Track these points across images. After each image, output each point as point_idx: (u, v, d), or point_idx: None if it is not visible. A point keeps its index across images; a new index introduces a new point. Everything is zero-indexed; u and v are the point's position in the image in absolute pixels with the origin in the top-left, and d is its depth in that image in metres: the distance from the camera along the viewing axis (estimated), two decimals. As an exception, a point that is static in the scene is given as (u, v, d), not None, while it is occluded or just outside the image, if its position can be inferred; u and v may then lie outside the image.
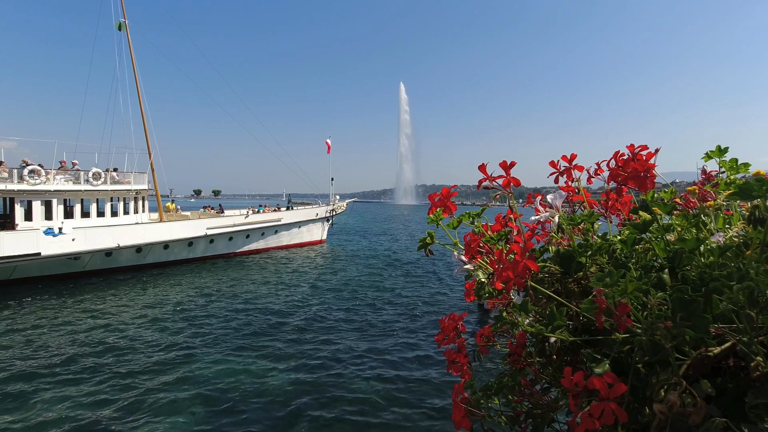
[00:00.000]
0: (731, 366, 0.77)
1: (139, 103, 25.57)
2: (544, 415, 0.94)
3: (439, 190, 1.21)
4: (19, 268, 17.99)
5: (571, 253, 1.06)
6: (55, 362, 9.94)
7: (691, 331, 0.70)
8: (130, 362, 9.96)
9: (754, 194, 0.79)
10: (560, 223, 1.16)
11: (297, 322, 13.14)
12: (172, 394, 8.41)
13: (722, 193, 1.07)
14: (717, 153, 1.14)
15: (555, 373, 0.99)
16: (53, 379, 9.04)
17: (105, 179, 21.70)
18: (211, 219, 25.20)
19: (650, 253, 1.02)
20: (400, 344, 11.29)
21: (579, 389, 0.76)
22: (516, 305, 0.95)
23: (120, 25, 25.14)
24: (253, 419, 7.55)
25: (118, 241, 20.15)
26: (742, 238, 0.93)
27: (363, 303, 15.62)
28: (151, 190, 25.56)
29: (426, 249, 1.29)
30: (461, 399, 1.04)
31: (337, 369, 9.68)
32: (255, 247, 28.19)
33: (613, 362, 0.80)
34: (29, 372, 9.37)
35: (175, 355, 10.39)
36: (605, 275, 0.81)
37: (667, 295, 0.78)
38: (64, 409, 7.83)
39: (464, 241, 1.20)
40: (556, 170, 1.24)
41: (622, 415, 0.70)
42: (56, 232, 18.37)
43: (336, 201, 34.49)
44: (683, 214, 1.01)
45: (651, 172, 0.96)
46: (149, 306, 15.09)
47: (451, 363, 1.14)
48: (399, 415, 7.71)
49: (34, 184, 18.84)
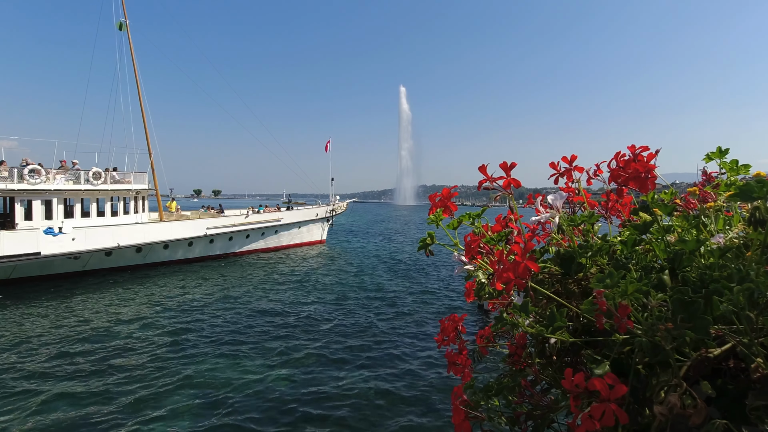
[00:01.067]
0: (731, 367, 0.77)
1: (139, 102, 25.59)
2: (545, 416, 0.94)
3: (440, 191, 1.21)
4: (18, 268, 17.99)
5: (572, 254, 1.06)
6: (53, 362, 9.94)
7: (692, 333, 0.70)
8: (128, 362, 9.96)
9: (755, 195, 0.79)
10: (560, 224, 1.16)
11: (296, 323, 13.14)
12: (171, 393, 8.41)
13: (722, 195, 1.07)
14: (717, 154, 1.14)
15: (555, 374, 0.99)
16: (51, 378, 9.04)
17: (105, 179, 21.70)
18: (211, 219, 25.20)
19: (650, 254, 1.02)
20: (400, 345, 11.28)
21: (579, 390, 0.76)
22: (516, 306, 0.95)
23: (121, 24, 25.15)
24: (251, 419, 7.54)
25: (118, 240, 20.15)
26: (743, 240, 0.93)
27: (362, 303, 15.62)
28: (151, 189, 25.56)
29: (426, 249, 1.29)
30: (461, 402, 1.03)
31: (337, 370, 9.67)
32: (255, 247, 28.19)
33: (613, 363, 0.80)
34: (27, 371, 9.36)
35: (175, 356, 10.39)
36: (605, 276, 0.81)
37: (667, 297, 0.78)
38: (62, 408, 7.82)
39: (464, 241, 1.20)
40: (556, 171, 1.24)
41: (623, 417, 0.70)
42: (56, 231, 18.37)
43: (336, 201, 34.49)
44: (684, 216, 1.01)
45: (652, 173, 0.96)
46: (148, 306, 15.09)
47: (451, 364, 1.14)
48: (399, 417, 7.70)
49: (34, 184, 18.84)
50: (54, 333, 12.03)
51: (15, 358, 10.18)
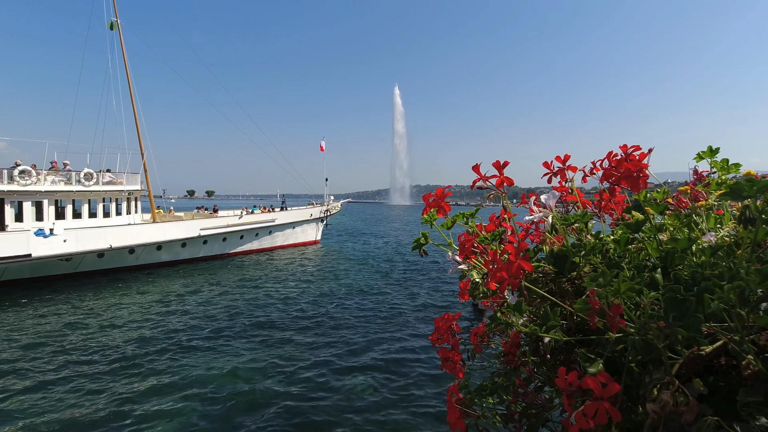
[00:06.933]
0: (723, 365, 0.78)
1: (131, 102, 25.38)
2: (539, 414, 0.94)
3: (433, 191, 1.21)
4: (9, 270, 17.77)
5: (565, 253, 1.06)
6: (45, 363, 9.83)
7: (684, 331, 0.70)
8: (121, 363, 9.87)
9: (745, 194, 0.80)
10: (554, 223, 1.17)
11: (290, 323, 13.10)
12: (166, 394, 8.34)
13: (713, 194, 1.07)
14: (708, 154, 1.15)
15: (549, 372, 0.99)
16: (43, 379, 8.94)
17: (97, 180, 21.50)
18: (204, 220, 25.05)
19: (643, 252, 1.02)
20: (395, 344, 11.28)
21: (573, 389, 0.76)
22: (510, 305, 0.95)
23: (112, 24, 24.93)
24: (250, 419, 7.50)
25: (110, 242, 19.97)
26: (733, 238, 0.93)
27: (357, 303, 15.61)
28: (143, 190, 25.35)
29: (420, 249, 1.29)
30: (456, 400, 1.04)
31: (332, 369, 9.65)
32: (249, 247, 28.07)
33: (606, 362, 0.81)
34: (18, 373, 9.25)
35: (168, 356, 10.32)
36: (598, 275, 0.82)
37: (659, 295, 0.78)
38: (55, 409, 7.74)
39: (458, 241, 1.20)
40: (550, 171, 1.25)
41: (616, 415, 0.71)
42: (47, 233, 18.16)
43: (330, 201, 34.42)
44: (675, 214, 1.01)
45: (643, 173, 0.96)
46: (141, 307, 14.98)
47: (444, 361, 1.14)
48: (394, 416, 7.70)
49: (24, 185, 18.62)
50: (43, 336, 11.90)
51: (5, 360, 10.06)
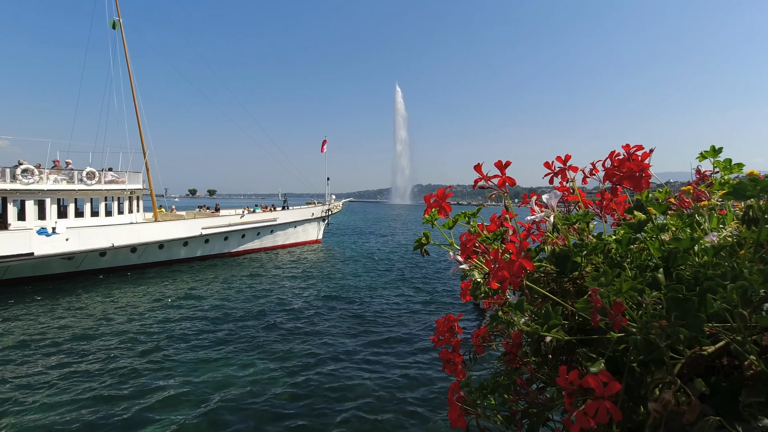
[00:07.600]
0: (725, 365, 0.78)
1: (133, 101, 25.44)
2: (540, 413, 0.94)
3: (435, 190, 1.21)
4: (11, 269, 17.83)
5: (567, 252, 1.06)
6: (46, 363, 9.86)
7: (686, 330, 0.70)
8: (122, 361, 9.90)
9: (748, 194, 0.80)
10: (555, 223, 1.16)
11: (291, 322, 13.11)
12: (165, 392, 8.36)
13: (716, 193, 1.07)
14: (711, 153, 1.14)
15: (550, 372, 0.99)
16: (44, 379, 8.97)
17: (99, 179, 21.55)
18: (206, 219, 25.09)
19: (645, 252, 1.02)
20: (395, 345, 11.29)
21: (574, 388, 0.76)
22: (512, 305, 0.95)
23: (114, 23, 24.98)
24: (248, 419, 7.52)
25: (112, 241, 20.02)
26: (736, 238, 0.93)
27: (357, 303, 15.61)
28: (145, 189, 25.40)
29: (422, 249, 1.29)
30: (457, 398, 1.04)
31: (332, 369, 9.66)
32: (250, 246, 28.10)
33: (608, 361, 0.80)
34: (19, 372, 9.29)
35: (169, 355, 10.34)
36: (600, 275, 0.81)
37: (661, 295, 0.78)
38: (54, 409, 7.76)
39: (460, 240, 1.20)
40: (551, 171, 1.25)
41: (617, 414, 0.71)
42: (49, 231, 18.22)
43: (332, 201, 34.45)
44: (678, 214, 1.01)
45: (646, 172, 0.96)
46: (142, 306, 15.01)
47: (446, 362, 1.14)
48: (394, 415, 7.71)
49: (27, 184, 18.68)
50: (45, 334, 11.94)
51: (6, 359, 10.09)
